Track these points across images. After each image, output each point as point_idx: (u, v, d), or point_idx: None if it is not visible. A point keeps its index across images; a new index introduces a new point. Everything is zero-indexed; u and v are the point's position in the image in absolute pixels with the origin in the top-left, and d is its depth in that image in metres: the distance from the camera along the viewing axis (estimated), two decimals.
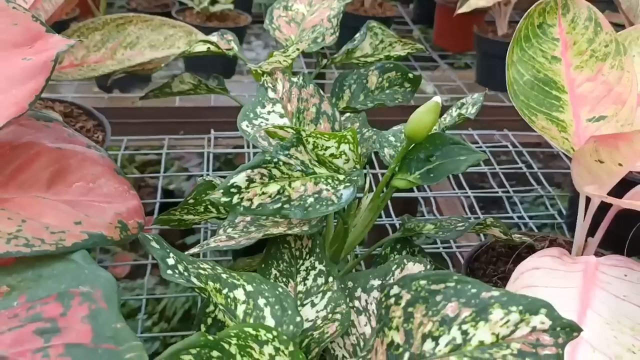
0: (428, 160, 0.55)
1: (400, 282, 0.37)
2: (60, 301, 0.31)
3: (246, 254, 0.61)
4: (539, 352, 0.34)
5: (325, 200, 0.47)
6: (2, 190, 0.38)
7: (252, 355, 0.36)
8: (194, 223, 0.58)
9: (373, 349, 0.38)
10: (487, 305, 0.35)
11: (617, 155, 0.50)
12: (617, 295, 0.48)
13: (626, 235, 0.66)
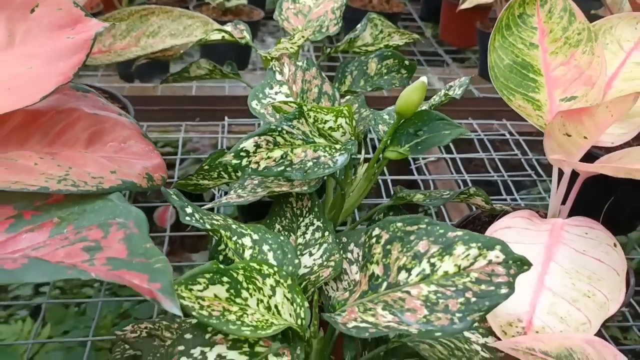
0: (416, 135, 0.62)
1: (381, 224, 0.44)
2: (101, 228, 0.38)
3: (254, 220, 0.68)
4: (493, 280, 0.41)
5: (322, 165, 0.54)
6: (50, 146, 0.45)
7: (256, 284, 0.43)
8: (208, 188, 0.66)
9: (358, 282, 0.45)
10: (452, 242, 0.42)
11: (582, 129, 0.56)
12: (578, 250, 0.54)
13: (603, 205, 0.73)
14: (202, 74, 0.81)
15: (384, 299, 0.42)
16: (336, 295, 0.47)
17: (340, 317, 0.42)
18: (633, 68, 0.66)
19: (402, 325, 0.39)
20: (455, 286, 0.41)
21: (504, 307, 0.50)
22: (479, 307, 0.40)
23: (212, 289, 0.41)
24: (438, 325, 0.39)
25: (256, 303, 0.43)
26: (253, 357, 0.41)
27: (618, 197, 0.89)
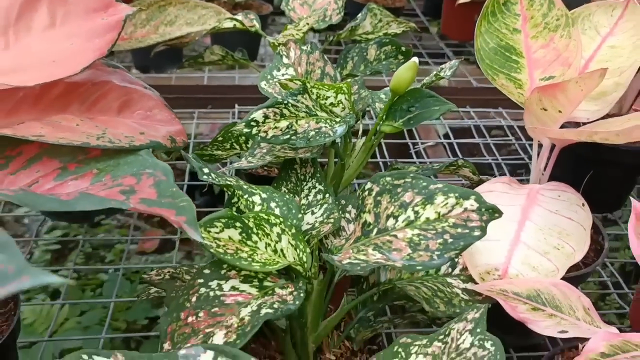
0: (409, 110, 0.69)
1: (372, 179, 0.51)
2: (134, 176, 0.45)
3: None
4: (468, 225, 0.47)
5: (323, 134, 0.61)
6: (88, 112, 0.53)
7: (265, 231, 0.50)
8: (222, 159, 0.73)
9: (353, 230, 0.52)
10: (433, 193, 0.49)
11: (556, 103, 0.63)
12: (551, 210, 0.61)
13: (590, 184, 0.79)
14: (215, 60, 0.88)
15: (375, 242, 0.49)
16: (334, 242, 0.54)
17: (337, 257, 0.49)
18: (608, 51, 0.72)
19: (389, 261, 0.46)
20: (435, 230, 0.48)
21: (483, 258, 0.57)
22: (455, 246, 0.46)
23: (226, 232, 0.48)
24: (419, 261, 0.46)
25: (264, 246, 0.50)
26: (262, 289, 0.48)
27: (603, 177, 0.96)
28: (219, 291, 0.47)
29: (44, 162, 0.47)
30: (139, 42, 0.85)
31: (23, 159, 0.47)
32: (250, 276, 0.48)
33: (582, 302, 0.52)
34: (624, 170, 0.98)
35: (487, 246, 0.59)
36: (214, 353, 0.37)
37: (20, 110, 0.50)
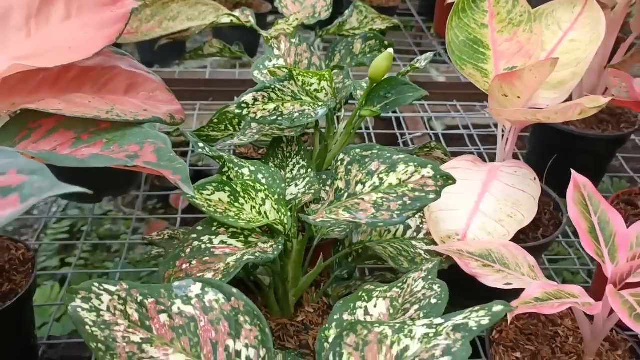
0: (386, 97, 0.76)
1: (344, 150, 0.59)
2: (138, 145, 0.53)
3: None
4: (424, 189, 0.55)
5: (306, 115, 0.68)
6: (98, 92, 0.60)
7: (251, 195, 0.58)
8: (217, 139, 0.80)
9: (328, 196, 0.60)
10: (395, 162, 0.57)
11: (515, 90, 0.70)
12: (508, 183, 0.68)
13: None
14: (214, 52, 0.96)
15: (345, 204, 0.57)
16: (312, 207, 0.61)
17: (312, 217, 0.57)
18: (568, 44, 0.79)
19: (356, 219, 0.54)
20: (397, 193, 0.55)
21: (446, 225, 0.65)
22: (413, 207, 0.54)
23: (217, 195, 0.56)
24: (381, 219, 0.53)
25: (250, 208, 0.57)
26: (247, 243, 0.55)
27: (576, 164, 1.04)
28: (209, 244, 0.54)
29: (61, 132, 0.54)
30: (144, 35, 0.93)
31: (43, 130, 0.55)
32: (237, 233, 0.56)
33: (528, 261, 0.59)
34: (594, 157, 1.06)
35: (449, 215, 0.66)
36: (202, 284, 0.45)
37: (40, 89, 0.58)
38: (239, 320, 0.43)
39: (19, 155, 0.32)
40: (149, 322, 0.43)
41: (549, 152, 1.06)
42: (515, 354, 0.61)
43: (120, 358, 0.40)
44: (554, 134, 1.04)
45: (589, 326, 0.58)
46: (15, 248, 0.70)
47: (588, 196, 0.60)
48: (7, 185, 0.30)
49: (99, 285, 0.43)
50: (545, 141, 1.08)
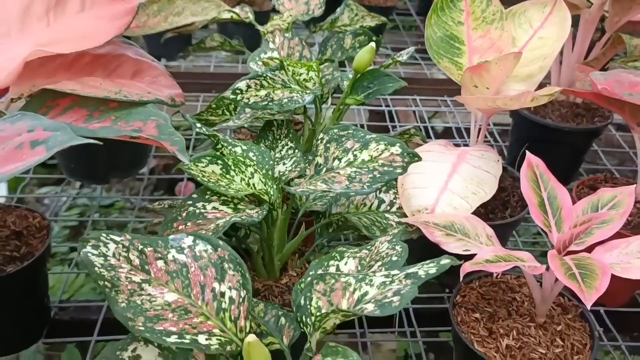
0: (368, 87, 0.84)
1: (324, 131, 0.66)
2: (142, 121, 0.61)
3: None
4: (392, 165, 0.62)
5: (294, 101, 0.76)
6: (108, 77, 0.68)
7: (241, 169, 0.66)
8: (215, 123, 0.88)
9: (309, 170, 0.67)
10: (368, 141, 0.64)
11: (483, 81, 0.77)
12: (475, 165, 0.76)
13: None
14: (215, 45, 1.03)
15: (323, 177, 0.64)
16: (295, 181, 0.69)
17: (293, 188, 0.64)
18: (537, 41, 0.86)
19: (331, 189, 0.62)
20: (368, 168, 0.63)
21: (417, 201, 0.72)
22: (381, 179, 0.62)
23: (210, 167, 0.64)
24: (354, 189, 0.61)
25: (240, 180, 0.65)
26: (235, 210, 0.63)
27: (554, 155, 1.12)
28: (203, 210, 0.62)
29: (76, 110, 0.62)
30: (151, 29, 1.01)
31: (60, 108, 0.63)
32: (228, 201, 0.64)
33: (486, 232, 0.67)
34: (570, 149, 1.13)
35: (421, 192, 0.74)
36: (193, 237, 0.52)
37: (57, 73, 0.66)
38: (224, 267, 0.51)
39: (44, 118, 0.40)
40: (147, 266, 0.50)
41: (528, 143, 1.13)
42: (474, 314, 0.68)
43: (124, 294, 0.48)
44: (532, 127, 1.11)
45: (539, 290, 0.66)
46: (32, 217, 0.78)
47: (539, 174, 0.67)
48: (36, 139, 0.38)
49: (106, 235, 0.51)
50: (525, 134, 1.15)
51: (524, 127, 1.15)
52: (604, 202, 0.65)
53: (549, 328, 0.67)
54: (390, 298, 0.47)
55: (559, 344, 0.65)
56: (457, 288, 0.72)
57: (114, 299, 0.47)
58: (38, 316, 0.79)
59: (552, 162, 1.16)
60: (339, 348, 0.45)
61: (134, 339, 0.50)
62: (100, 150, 1.04)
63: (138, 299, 0.48)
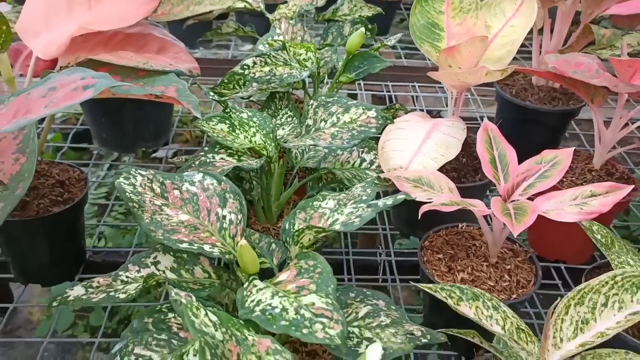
0: (359, 67, 0.97)
1: (314, 97, 0.80)
2: (164, 86, 0.75)
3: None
4: (368, 125, 0.76)
5: (293, 76, 0.90)
6: (137, 52, 0.83)
7: (244, 129, 0.80)
8: (226, 95, 1.02)
9: (301, 131, 0.81)
10: (350, 106, 0.78)
11: (456, 61, 0.90)
12: (445, 133, 0.89)
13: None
14: (230, 32, 1.18)
15: (312, 136, 0.78)
16: (290, 140, 0.83)
17: (287, 143, 0.78)
18: (509, 29, 0.98)
19: (317, 144, 0.75)
20: (348, 127, 0.76)
21: (394, 161, 0.85)
22: (358, 137, 0.75)
23: (219, 125, 0.78)
24: (335, 144, 0.74)
25: (244, 137, 0.79)
26: (239, 160, 0.77)
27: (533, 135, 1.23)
28: (212, 159, 0.76)
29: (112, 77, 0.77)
30: (175, 16, 1.15)
31: None
32: (233, 153, 0.78)
33: (448, 185, 0.80)
34: (548, 129, 1.25)
35: (398, 154, 0.87)
36: (202, 174, 0.66)
37: (97, 48, 0.81)
38: (226, 196, 0.65)
39: (92, 71, 0.54)
40: (166, 194, 0.65)
41: (512, 124, 1.26)
42: (438, 255, 0.81)
43: (148, 212, 0.62)
44: (514, 109, 1.23)
45: (490, 234, 0.78)
46: (72, 170, 0.93)
47: (492, 137, 0.79)
48: (86, 84, 0.52)
49: (135, 170, 0.65)
50: (508, 115, 1.27)
51: (506, 109, 1.27)
52: (547, 161, 0.78)
53: (500, 267, 0.80)
54: (353, 220, 0.61)
55: (506, 279, 0.78)
56: (426, 235, 0.85)
57: (141, 216, 0.61)
58: (76, 256, 0.94)
59: (532, 140, 1.29)
60: (309, 254, 0.58)
61: (155, 250, 0.64)
62: (128, 123, 1.19)
63: (159, 217, 0.62)
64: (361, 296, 0.67)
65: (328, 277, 0.55)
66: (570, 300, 0.59)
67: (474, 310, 0.61)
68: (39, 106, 0.51)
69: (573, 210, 0.71)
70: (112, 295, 0.59)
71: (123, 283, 0.61)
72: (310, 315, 0.51)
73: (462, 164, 0.99)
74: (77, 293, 0.60)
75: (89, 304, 0.58)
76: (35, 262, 0.89)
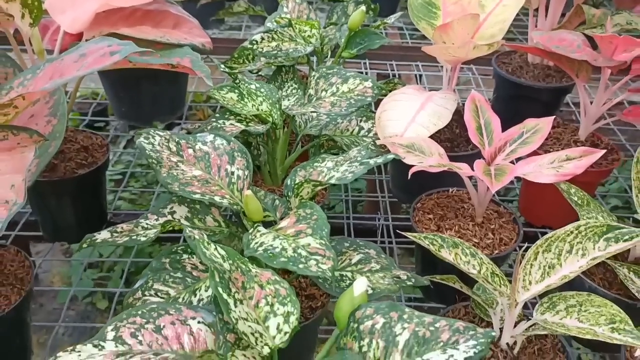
0: (360, 43, 1.04)
1: (316, 68, 0.87)
2: (179, 57, 0.82)
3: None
4: (364, 95, 0.83)
5: (298, 51, 0.97)
6: (155, 27, 0.90)
7: (252, 98, 0.87)
8: (237, 71, 1.09)
9: (303, 100, 0.88)
10: (348, 77, 0.85)
11: (449, 38, 0.97)
12: (438, 104, 0.96)
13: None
14: (241, 10, 1.25)
15: (313, 104, 0.86)
16: (293, 108, 0.90)
17: (290, 110, 0.85)
18: (501, 9, 1.05)
19: (317, 112, 0.82)
20: (346, 97, 0.84)
21: (390, 129, 0.93)
22: (355, 105, 0.82)
23: (229, 94, 0.86)
24: (334, 111, 0.82)
25: (251, 105, 0.87)
26: (247, 124, 0.85)
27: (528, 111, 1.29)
28: (222, 125, 0.84)
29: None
30: None
31: None
32: (241, 119, 0.85)
33: (438, 151, 0.87)
34: (542, 104, 1.31)
35: (394, 123, 0.94)
36: (214, 135, 0.74)
37: (118, 23, 0.89)
38: (234, 155, 0.72)
39: (117, 39, 0.62)
40: (181, 152, 0.72)
41: (508, 100, 1.32)
42: (429, 215, 0.89)
43: (165, 168, 0.70)
44: (510, 86, 1.30)
45: (475, 195, 0.86)
46: (95, 137, 1.01)
47: (479, 106, 0.86)
48: (113, 50, 0.60)
49: (153, 131, 0.73)
50: (504, 92, 1.34)
51: (503, 86, 1.33)
52: (529, 129, 0.85)
53: (484, 226, 0.87)
54: (346, 176, 0.69)
55: (490, 237, 0.85)
56: (418, 198, 0.93)
57: (159, 171, 0.70)
58: (99, 215, 1.03)
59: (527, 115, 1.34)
60: (307, 203, 0.66)
61: (171, 202, 0.72)
62: (146, 97, 1.27)
63: (174, 171, 0.70)
64: (355, 245, 0.74)
65: (323, 222, 0.63)
66: (539, 248, 0.66)
67: (453, 256, 0.68)
68: (72, 69, 0.59)
69: (550, 173, 0.78)
70: (134, 238, 0.67)
71: (143, 229, 0.69)
72: (306, 254, 0.59)
73: (456, 134, 1.06)
74: (103, 236, 0.68)
75: (114, 245, 0.66)
76: (62, 220, 0.98)
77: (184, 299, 0.65)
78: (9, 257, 0.79)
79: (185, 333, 0.55)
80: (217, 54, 1.66)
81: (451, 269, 0.72)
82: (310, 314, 0.72)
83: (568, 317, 0.64)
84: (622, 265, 0.76)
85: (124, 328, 0.54)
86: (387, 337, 0.53)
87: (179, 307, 0.57)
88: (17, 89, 0.63)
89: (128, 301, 0.65)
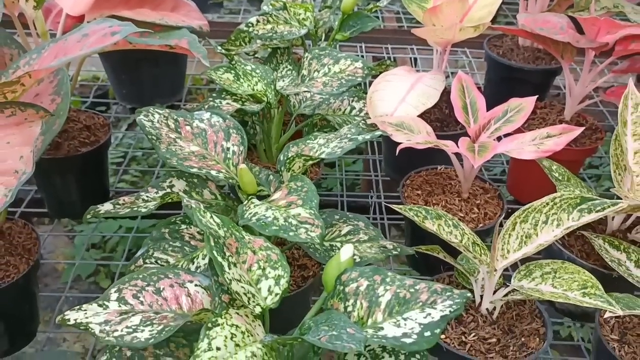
0: (353, 26, 1.07)
1: (309, 50, 0.90)
2: (177, 39, 0.86)
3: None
4: (355, 75, 0.87)
5: (292, 33, 1.00)
6: (154, 9, 0.94)
7: (248, 78, 0.91)
8: (234, 53, 1.13)
9: (297, 81, 0.92)
10: (339, 58, 0.88)
11: (438, 20, 1.00)
12: (427, 84, 0.99)
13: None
14: None
15: (306, 84, 0.89)
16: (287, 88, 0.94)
17: (284, 90, 0.89)
18: None
19: (310, 92, 0.86)
20: (337, 77, 0.87)
21: (380, 109, 0.96)
22: (346, 85, 0.86)
23: (226, 75, 0.89)
24: (326, 91, 0.86)
25: (247, 85, 0.90)
26: (243, 104, 0.88)
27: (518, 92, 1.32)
28: (219, 104, 0.88)
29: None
30: None
31: None
32: (237, 99, 0.89)
33: (426, 129, 0.90)
34: (532, 86, 1.34)
35: (384, 103, 0.97)
36: (210, 113, 0.78)
37: (118, 6, 0.92)
38: (229, 131, 0.76)
39: (117, 20, 0.66)
40: (179, 129, 0.76)
41: (499, 82, 1.36)
42: (417, 191, 0.93)
43: (164, 143, 0.74)
44: (501, 69, 1.33)
45: (462, 171, 0.90)
46: (96, 117, 1.05)
47: (465, 86, 0.90)
48: (113, 31, 0.63)
49: (152, 109, 0.77)
50: (495, 75, 1.37)
51: (494, 69, 1.36)
52: (512, 108, 0.88)
53: (471, 201, 0.91)
54: (336, 151, 0.72)
55: (475, 212, 0.89)
56: (408, 175, 0.97)
57: (159, 146, 0.73)
58: (102, 192, 1.07)
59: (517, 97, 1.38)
60: (298, 176, 0.70)
61: (170, 176, 0.76)
62: (146, 80, 1.31)
63: (173, 147, 0.74)
64: (344, 218, 0.78)
65: (313, 194, 0.67)
66: (517, 219, 0.70)
67: (436, 227, 0.72)
68: (76, 49, 0.62)
69: (531, 149, 0.82)
70: (135, 209, 0.71)
71: (144, 201, 0.73)
72: (296, 223, 0.63)
73: (446, 115, 1.10)
74: (106, 208, 0.73)
75: (117, 216, 0.70)
76: (66, 197, 1.02)
77: (182, 267, 0.69)
78: (16, 229, 0.84)
79: (183, 295, 0.60)
80: (216, 37, 1.69)
81: (438, 243, 0.76)
82: (303, 282, 0.77)
83: (543, 283, 0.69)
84: (597, 237, 0.80)
85: (126, 290, 0.58)
86: (371, 298, 0.57)
87: (177, 271, 0.61)
88: (23, 67, 0.66)
89: (130, 269, 0.70)
